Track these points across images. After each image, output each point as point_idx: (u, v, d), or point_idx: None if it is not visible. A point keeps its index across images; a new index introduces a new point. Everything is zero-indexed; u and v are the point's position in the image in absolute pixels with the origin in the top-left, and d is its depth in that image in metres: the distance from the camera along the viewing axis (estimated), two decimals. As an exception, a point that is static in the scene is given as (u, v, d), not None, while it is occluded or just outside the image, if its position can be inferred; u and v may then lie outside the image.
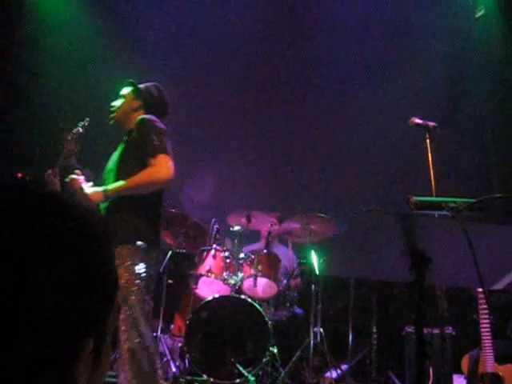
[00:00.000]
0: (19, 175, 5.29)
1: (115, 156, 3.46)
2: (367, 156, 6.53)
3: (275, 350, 4.82)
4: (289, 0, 7.06)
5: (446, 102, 6.38)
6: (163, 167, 3.19)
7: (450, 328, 4.40)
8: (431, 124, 3.18)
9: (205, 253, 5.08)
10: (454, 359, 4.10)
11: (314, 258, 5.39)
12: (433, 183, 2.93)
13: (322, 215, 5.42)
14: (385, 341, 5.45)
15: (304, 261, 5.59)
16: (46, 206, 0.65)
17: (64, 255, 0.62)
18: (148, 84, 3.63)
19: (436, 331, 3.61)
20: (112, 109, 3.59)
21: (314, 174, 6.70)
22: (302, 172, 6.78)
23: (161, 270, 5.17)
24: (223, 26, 6.71)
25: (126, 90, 3.62)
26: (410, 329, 4.74)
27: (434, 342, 3.83)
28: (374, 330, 5.22)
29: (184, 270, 5.44)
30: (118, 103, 3.59)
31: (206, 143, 6.62)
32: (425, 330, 2.04)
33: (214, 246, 5.09)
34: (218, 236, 5.22)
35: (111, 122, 3.59)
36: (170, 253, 5.26)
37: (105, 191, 3.17)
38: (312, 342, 5.03)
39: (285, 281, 5.36)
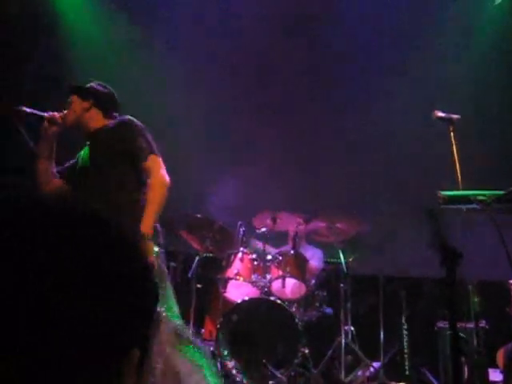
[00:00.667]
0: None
1: (87, 156, 3.40)
2: (391, 152, 6.48)
3: (306, 351, 4.81)
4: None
5: (467, 96, 6.31)
6: (160, 171, 3.22)
7: (484, 322, 4.35)
8: (455, 117, 3.15)
9: (232, 256, 5.09)
10: (489, 353, 4.05)
11: (342, 257, 5.37)
12: (459, 177, 2.90)
13: (348, 213, 5.39)
14: (416, 337, 5.41)
15: (332, 260, 5.57)
16: (86, 221, 0.66)
17: (108, 268, 0.63)
18: (91, 83, 3.54)
19: (469, 326, 3.58)
20: (62, 116, 3.45)
21: (338, 173, 6.66)
22: (326, 171, 6.75)
23: (189, 275, 5.21)
24: (239, 23, 6.72)
25: (70, 98, 3.49)
26: (442, 324, 4.70)
27: (467, 336, 3.79)
28: (405, 326, 5.18)
29: (212, 274, 5.45)
30: (65, 112, 3.46)
31: (230, 145, 6.63)
32: (458, 325, 2.02)
33: (241, 249, 5.10)
34: (244, 239, 5.23)
35: (66, 128, 3.48)
36: (197, 258, 5.28)
37: (145, 228, 3.06)
38: (343, 341, 5.01)
39: (313, 281, 5.35)
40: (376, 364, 5.16)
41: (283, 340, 4.68)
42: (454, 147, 2.98)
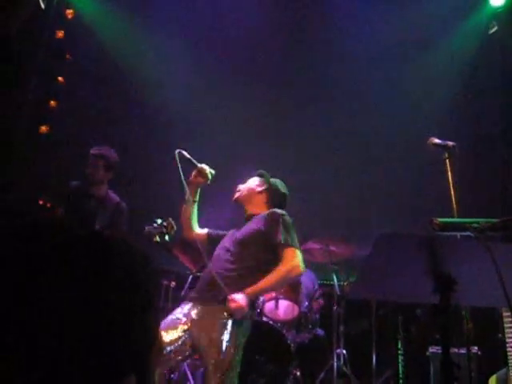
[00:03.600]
0: (40, 202, 5.36)
1: (240, 234, 3.60)
2: (386, 177, 6.52)
3: (298, 373, 4.79)
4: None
5: (463, 120, 6.38)
6: (295, 263, 3.41)
7: (476, 348, 4.35)
8: (450, 144, 3.18)
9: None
10: (481, 380, 4.04)
11: (335, 279, 5.38)
12: (454, 204, 2.93)
13: (342, 237, 5.42)
14: (408, 361, 5.39)
15: (325, 282, 5.57)
16: (85, 245, 0.65)
17: (105, 294, 0.62)
18: (275, 180, 3.90)
19: (462, 351, 3.58)
20: (237, 189, 3.86)
21: (332, 196, 6.69)
22: (320, 194, 6.78)
23: (182, 293, 5.20)
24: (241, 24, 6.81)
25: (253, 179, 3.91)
26: (434, 349, 4.69)
27: (459, 362, 3.79)
28: (401, 351, 5.16)
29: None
30: (243, 186, 3.87)
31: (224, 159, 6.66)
32: (450, 351, 2.04)
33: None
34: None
35: (234, 199, 3.86)
36: (190, 277, 5.27)
37: (248, 295, 3.29)
38: (335, 364, 4.99)
39: (306, 303, 5.34)
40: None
41: (275, 362, 4.66)
42: (450, 174, 3.01)
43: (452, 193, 3.03)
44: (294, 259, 3.42)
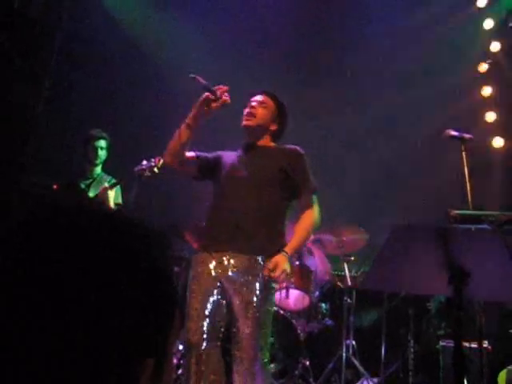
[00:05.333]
0: (55, 187, 5.39)
1: (256, 169, 3.15)
2: (404, 168, 6.49)
3: (307, 362, 4.80)
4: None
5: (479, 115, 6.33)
6: (317, 211, 3.18)
7: (487, 342, 4.32)
8: (467, 136, 3.14)
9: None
10: (491, 374, 4.02)
11: (347, 270, 5.36)
12: (469, 196, 2.90)
13: (354, 226, 5.40)
14: (418, 354, 5.37)
15: (336, 272, 5.56)
16: (107, 226, 0.65)
17: (120, 277, 0.62)
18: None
19: (473, 345, 3.56)
20: (253, 111, 3.27)
21: (345, 186, 6.66)
22: (333, 183, 6.75)
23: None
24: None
25: (268, 100, 3.33)
26: (445, 342, 4.67)
27: (470, 356, 3.77)
28: (412, 343, 5.14)
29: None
30: (260, 111, 3.28)
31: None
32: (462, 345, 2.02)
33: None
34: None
35: (244, 125, 3.27)
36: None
37: (286, 255, 2.97)
38: (344, 354, 4.99)
39: (317, 292, 5.34)
40: (376, 379, 5.14)
41: (284, 351, 4.67)
42: (466, 166, 2.97)
43: (467, 185, 2.99)
44: (316, 208, 3.19)
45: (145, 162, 4.49)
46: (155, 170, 4.34)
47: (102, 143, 5.04)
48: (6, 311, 0.57)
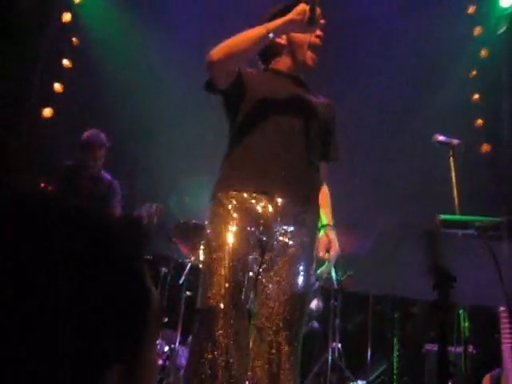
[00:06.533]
0: (42, 185, 5.36)
1: (320, 115, 2.53)
2: (390, 170, 6.52)
3: (293, 365, 4.79)
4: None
5: (468, 122, 6.39)
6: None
7: (471, 347, 4.34)
8: (455, 141, 3.16)
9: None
10: (475, 379, 4.05)
11: (333, 272, 5.36)
12: (456, 201, 2.92)
13: (342, 228, 5.40)
14: (403, 358, 5.40)
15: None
16: (71, 221, 0.59)
17: (80, 277, 0.57)
18: None
19: (457, 349, 3.58)
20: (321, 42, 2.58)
21: (333, 186, 6.68)
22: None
23: (180, 282, 5.19)
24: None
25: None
26: (429, 346, 4.70)
27: (455, 360, 3.79)
28: (397, 346, 5.17)
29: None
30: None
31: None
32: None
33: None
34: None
35: (313, 66, 2.60)
36: (189, 265, 5.27)
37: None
38: (330, 357, 4.99)
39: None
40: (362, 383, 5.15)
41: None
42: (453, 172, 3.00)
43: (455, 190, 3.02)
44: None
45: (145, 208, 4.41)
46: (154, 220, 4.27)
47: (102, 152, 4.90)
48: None
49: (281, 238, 2.30)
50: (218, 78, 2.39)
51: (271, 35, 2.30)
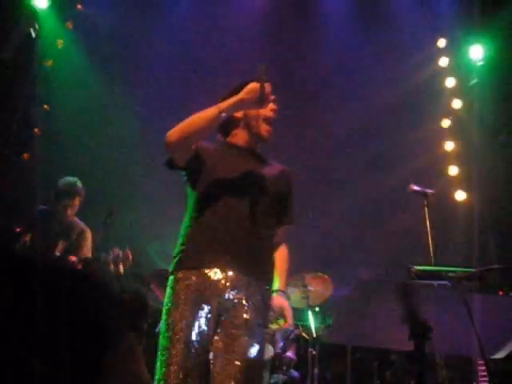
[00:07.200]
0: (18, 230, 5.29)
1: (274, 186, 2.66)
2: (367, 216, 6.59)
3: (271, 416, 4.72)
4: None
5: (441, 169, 6.53)
6: None
7: (449, 396, 4.33)
8: (429, 191, 3.23)
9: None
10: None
11: (312, 321, 5.34)
12: (431, 249, 2.96)
13: (320, 274, 5.41)
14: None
15: (301, 323, 5.52)
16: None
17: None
18: None
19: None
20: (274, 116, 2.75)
21: (311, 234, 6.71)
22: (299, 230, 6.79)
23: (156, 330, 5.11)
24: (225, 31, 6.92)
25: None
26: (408, 395, 4.67)
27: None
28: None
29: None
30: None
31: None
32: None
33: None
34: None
35: (268, 138, 2.76)
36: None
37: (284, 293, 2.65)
38: (308, 407, 4.92)
39: (281, 343, 5.29)
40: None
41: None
42: (427, 221, 3.05)
43: (429, 239, 3.06)
44: None
45: (112, 254, 4.38)
46: (121, 268, 4.25)
47: (75, 202, 4.83)
48: None
49: (235, 307, 2.40)
50: (177, 157, 2.56)
51: (223, 114, 2.48)
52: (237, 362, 2.29)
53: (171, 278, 2.49)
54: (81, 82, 6.64)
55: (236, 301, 2.40)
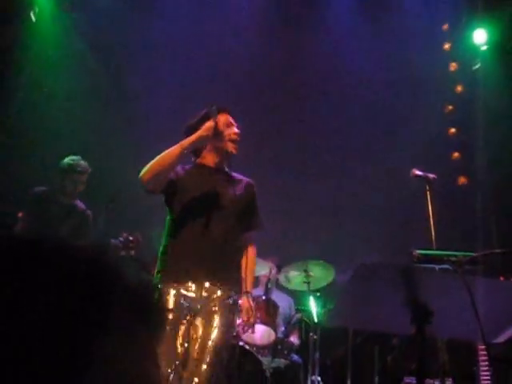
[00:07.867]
0: (20, 215, 5.26)
1: (238, 200, 3.15)
2: (368, 203, 6.57)
3: (272, 399, 4.75)
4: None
5: (444, 155, 6.49)
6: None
7: (451, 379, 4.34)
8: (431, 176, 3.22)
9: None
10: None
11: (313, 306, 5.36)
12: (433, 234, 2.96)
13: (321, 261, 5.42)
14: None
15: (302, 308, 5.55)
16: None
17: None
18: None
19: (436, 383, 3.58)
20: (238, 136, 3.21)
21: (313, 220, 6.71)
22: (301, 218, 6.79)
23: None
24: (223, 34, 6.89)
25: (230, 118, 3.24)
26: (408, 379, 4.68)
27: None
28: (376, 380, 5.14)
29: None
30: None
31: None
32: (425, 382, 2.04)
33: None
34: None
35: (232, 152, 3.18)
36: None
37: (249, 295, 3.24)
38: (310, 391, 4.96)
39: (283, 328, 5.31)
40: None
41: (249, 386, 4.62)
42: (430, 206, 3.04)
43: (431, 224, 3.06)
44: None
45: (121, 239, 4.40)
46: (131, 252, 4.32)
47: (84, 178, 4.79)
48: None
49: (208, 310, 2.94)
50: (152, 188, 3.04)
51: (186, 151, 2.97)
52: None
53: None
54: (78, 65, 6.61)
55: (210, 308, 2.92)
